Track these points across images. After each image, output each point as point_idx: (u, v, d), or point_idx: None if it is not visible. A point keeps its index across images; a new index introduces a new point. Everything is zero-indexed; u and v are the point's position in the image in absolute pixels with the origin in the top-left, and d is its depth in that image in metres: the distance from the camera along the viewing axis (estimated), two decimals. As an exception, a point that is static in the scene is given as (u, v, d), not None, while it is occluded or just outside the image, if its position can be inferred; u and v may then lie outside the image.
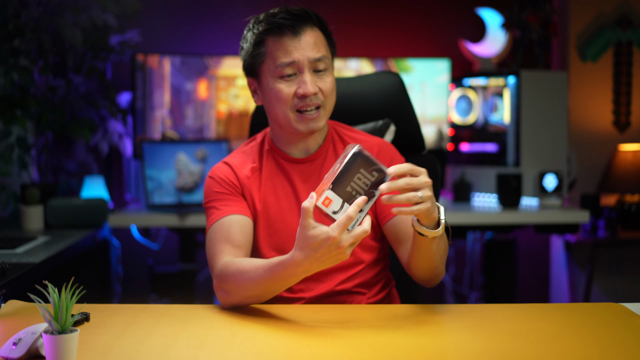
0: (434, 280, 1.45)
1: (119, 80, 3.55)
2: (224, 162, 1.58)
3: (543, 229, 3.22)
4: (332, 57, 1.55)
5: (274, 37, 1.48)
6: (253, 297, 1.36)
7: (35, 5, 2.98)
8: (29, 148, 2.97)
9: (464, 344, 1.18)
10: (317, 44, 1.48)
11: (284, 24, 1.46)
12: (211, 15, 3.68)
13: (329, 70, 1.51)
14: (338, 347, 1.15)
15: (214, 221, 1.50)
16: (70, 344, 1.01)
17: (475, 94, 3.47)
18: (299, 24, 1.47)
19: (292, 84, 1.48)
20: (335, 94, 1.54)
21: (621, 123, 3.70)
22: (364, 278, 1.54)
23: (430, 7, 3.80)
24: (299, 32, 1.47)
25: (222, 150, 3.21)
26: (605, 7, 3.65)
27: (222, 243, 1.45)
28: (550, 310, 1.40)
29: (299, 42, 1.46)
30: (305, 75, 1.46)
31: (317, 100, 1.48)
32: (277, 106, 1.49)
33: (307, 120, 1.48)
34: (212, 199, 1.53)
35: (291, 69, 1.47)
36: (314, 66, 1.48)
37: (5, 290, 1.70)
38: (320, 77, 1.49)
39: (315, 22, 1.50)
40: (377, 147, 1.58)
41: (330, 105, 1.51)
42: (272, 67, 1.48)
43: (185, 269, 3.14)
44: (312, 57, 1.47)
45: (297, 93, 1.47)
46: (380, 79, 1.82)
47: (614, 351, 1.13)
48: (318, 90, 1.48)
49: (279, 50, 1.47)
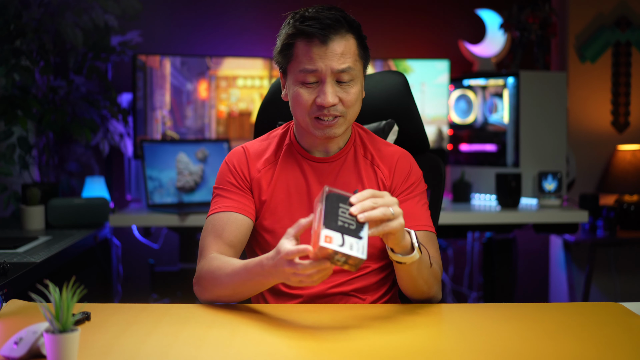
0: (430, 301, 1.46)
1: (120, 80, 3.55)
2: (243, 147, 1.59)
3: (542, 229, 3.22)
4: (365, 64, 1.52)
5: (302, 42, 1.44)
6: (224, 295, 1.40)
7: (36, 6, 2.99)
8: (30, 148, 2.98)
9: (464, 343, 1.19)
10: (345, 55, 1.44)
11: (313, 33, 1.42)
12: (211, 16, 3.68)
13: (355, 80, 1.46)
14: (338, 347, 1.15)
15: (215, 211, 1.52)
16: (71, 343, 1.02)
17: (474, 94, 3.48)
18: (328, 32, 1.42)
19: (313, 91, 1.45)
20: (360, 102, 1.50)
21: (620, 123, 3.70)
22: (366, 283, 1.53)
23: (430, 8, 3.80)
24: (327, 41, 1.42)
25: (222, 150, 3.22)
26: (604, 8, 3.65)
27: (215, 237, 1.48)
28: (549, 310, 1.40)
29: (325, 51, 1.42)
30: (327, 85, 1.43)
31: (336, 111, 1.45)
32: (297, 109, 1.49)
33: (324, 127, 1.46)
34: (221, 186, 1.55)
35: (313, 77, 1.44)
36: (337, 77, 1.44)
37: (6, 289, 1.70)
38: (343, 87, 1.45)
39: (348, 29, 1.45)
40: (397, 155, 1.58)
41: (352, 115, 1.48)
42: (296, 70, 1.46)
43: (185, 268, 3.15)
44: (336, 68, 1.43)
45: (316, 102, 1.44)
46: (384, 78, 1.82)
47: (613, 350, 1.14)
48: (338, 102, 1.45)
49: (304, 56, 1.44)
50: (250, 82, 3.43)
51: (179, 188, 3.12)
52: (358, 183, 1.54)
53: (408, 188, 1.54)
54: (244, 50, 3.63)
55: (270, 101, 1.80)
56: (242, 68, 3.42)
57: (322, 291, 1.51)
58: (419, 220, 1.51)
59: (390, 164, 1.57)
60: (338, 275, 1.51)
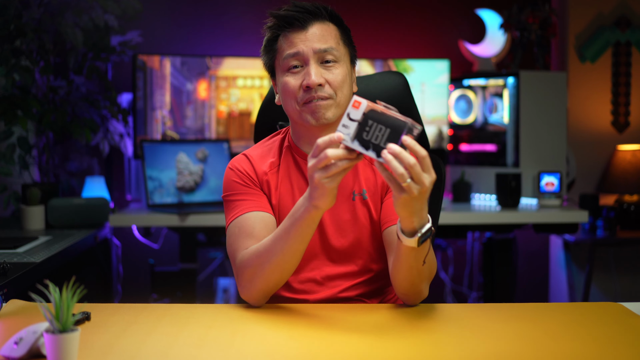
0: (412, 297, 1.40)
1: (120, 80, 3.55)
2: (244, 154, 1.56)
3: (542, 229, 3.22)
4: (351, 53, 1.52)
5: (284, 32, 1.47)
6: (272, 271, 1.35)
7: (36, 6, 2.99)
8: (30, 148, 2.98)
9: (464, 343, 1.19)
10: (325, 36, 1.45)
11: (292, 17, 1.45)
12: (211, 16, 3.68)
13: (340, 63, 1.46)
14: (338, 347, 1.15)
15: (236, 217, 1.46)
16: (71, 343, 1.02)
17: (474, 94, 3.48)
18: (307, 17, 1.45)
19: (298, 76, 1.45)
20: (349, 88, 1.48)
21: (620, 123, 3.70)
22: (371, 287, 1.53)
23: (430, 7, 3.80)
24: (306, 25, 1.45)
25: (222, 150, 3.22)
26: (604, 8, 3.65)
27: (246, 238, 1.43)
28: (549, 310, 1.41)
29: (305, 34, 1.45)
30: (310, 67, 1.43)
31: (324, 92, 1.43)
32: (287, 101, 1.47)
33: (313, 109, 1.43)
34: (232, 192, 1.51)
35: (296, 60, 1.45)
36: (320, 57, 1.44)
37: (6, 289, 1.70)
38: (328, 68, 1.45)
39: (327, 17, 1.47)
40: None
41: (342, 98, 1.45)
42: (280, 61, 1.47)
43: (185, 268, 3.15)
44: (317, 47, 1.44)
45: (303, 85, 1.44)
46: (384, 79, 1.82)
47: (613, 350, 1.14)
48: (324, 82, 1.43)
49: (285, 44, 1.46)
50: (250, 82, 3.43)
51: (179, 188, 3.12)
52: (356, 183, 1.53)
53: None
54: (244, 50, 3.63)
55: (270, 102, 1.80)
56: (242, 68, 3.42)
57: (328, 297, 1.51)
58: None
59: None
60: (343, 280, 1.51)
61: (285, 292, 1.51)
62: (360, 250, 1.52)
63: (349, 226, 1.51)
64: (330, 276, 1.50)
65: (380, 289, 1.55)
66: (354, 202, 1.52)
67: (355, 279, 1.51)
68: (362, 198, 1.52)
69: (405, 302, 1.43)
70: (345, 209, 1.52)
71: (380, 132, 1.18)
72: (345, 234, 1.51)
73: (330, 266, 1.51)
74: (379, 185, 1.54)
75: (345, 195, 1.52)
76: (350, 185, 1.53)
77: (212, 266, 3.62)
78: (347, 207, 1.52)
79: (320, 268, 1.51)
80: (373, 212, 1.52)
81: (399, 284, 1.38)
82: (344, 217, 1.51)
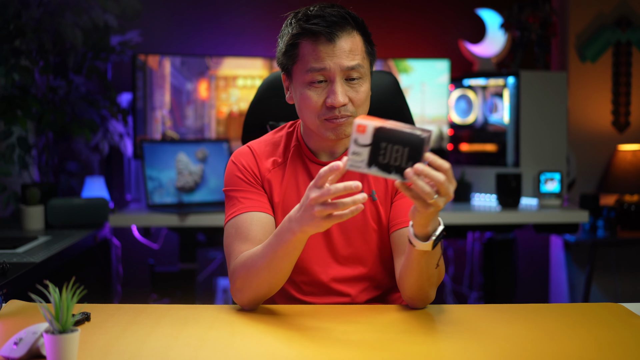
0: (419, 302, 1.39)
1: (120, 80, 3.55)
2: (248, 147, 1.53)
3: (542, 229, 3.22)
4: (372, 61, 1.48)
5: (308, 41, 1.40)
6: (262, 282, 1.34)
7: (36, 5, 2.99)
8: (30, 148, 2.98)
9: (464, 344, 1.19)
10: (353, 51, 1.40)
11: (320, 32, 1.38)
12: (211, 16, 3.68)
13: (364, 78, 1.43)
14: (338, 347, 1.15)
15: (235, 214, 1.45)
16: (71, 343, 1.02)
17: (474, 94, 3.47)
18: (334, 30, 1.38)
19: (322, 92, 1.40)
20: (369, 102, 1.46)
21: (620, 123, 3.70)
22: (378, 291, 1.52)
23: (430, 7, 3.80)
24: (334, 38, 1.38)
25: (222, 150, 3.22)
26: (604, 8, 3.65)
27: (242, 242, 1.42)
28: (549, 310, 1.40)
29: (332, 49, 1.38)
30: (336, 85, 1.39)
31: (347, 111, 1.40)
32: (306, 112, 1.44)
33: (335, 126, 1.41)
34: (234, 187, 1.49)
35: (322, 75, 1.39)
36: (346, 75, 1.40)
37: (6, 290, 1.70)
38: (353, 86, 1.41)
39: (354, 26, 1.41)
40: None
41: (362, 113, 1.43)
42: (303, 70, 1.41)
43: (185, 268, 3.15)
44: (345, 65, 1.39)
45: (327, 103, 1.40)
46: (374, 78, 1.81)
47: (613, 351, 1.14)
48: (348, 101, 1.40)
49: (310, 55, 1.39)
50: (250, 82, 3.43)
51: (178, 188, 3.11)
52: (364, 184, 1.50)
53: None
54: (244, 50, 3.63)
55: (260, 101, 1.77)
56: (242, 68, 3.42)
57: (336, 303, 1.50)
58: None
59: None
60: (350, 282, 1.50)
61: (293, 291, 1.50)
62: (367, 252, 1.50)
63: (356, 228, 1.49)
64: (337, 278, 1.49)
65: (387, 292, 1.54)
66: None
67: (363, 281, 1.50)
68: (371, 199, 1.50)
69: (412, 306, 1.41)
70: None
71: (398, 152, 1.13)
72: (351, 236, 1.49)
73: (336, 268, 1.49)
74: (389, 187, 1.52)
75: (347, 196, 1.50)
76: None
77: (212, 266, 3.62)
78: None
79: (326, 271, 1.49)
80: (382, 214, 1.50)
81: (407, 287, 1.37)
82: (351, 219, 1.49)
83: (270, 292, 1.37)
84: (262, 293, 1.36)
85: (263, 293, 1.36)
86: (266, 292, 1.36)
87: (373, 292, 1.52)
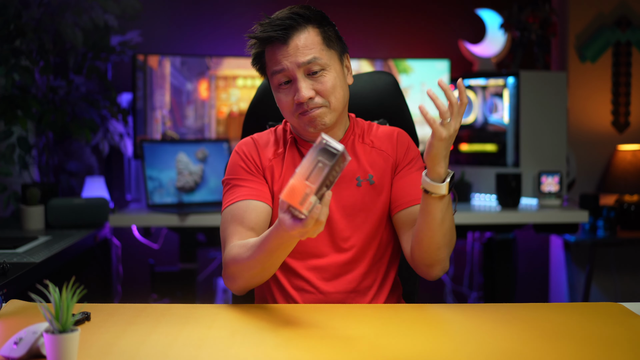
0: (435, 267, 1.44)
1: (120, 80, 3.55)
2: (252, 138, 1.60)
3: (542, 229, 3.22)
4: (339, 51, 1.52)
5: (268, 47, 1.49)
6: (253, 275, 1.40)
7: (36, 5, 2.99)
8: (30, 148, 2.98)
9: (464, 343, 1.19)
10: (307, 46, 1.45)
11: (271, 37, 1.47)
12: (211, 16, 3.68)
13: (327, 69, 1.47)
14: (338, 347, 1.15)
15: (232, 202, 1.51)
16: (71, 343, 1.02)
17: (474, 94, 3.48)
18: (284, 32, 1.45)
19: (289, 91, 1.48)
20: (343, 88, 1.50)
21: (620, 123, 3.70)
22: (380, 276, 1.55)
23: (430, 7, 3.80)
24: (287, 39, 1.45)
25: (222, 150, 3.22)
26: (604, 8, 3.65)
27: (236, 225, 1.47)
28: (549, 310, 1.40)
29: (286, 49, 1.46)
30: (298, 81, 1.45)
31: (316, 103, 1.46)
32: (284, 113, 1.51)
33: (310, 119, 1.47)
34: (234, 176, 1.54)
35: (284, 76, 1.47)
36: (306, 70, 1.46)
37: (6, 289, 1.70)
38: (316, 78, 1.46)
39: (304, 23, 1.47)
40: (395, 132, 1.60)
41: (335, 102, 1.48)
42: (270, 76, 1.51)
43: (185, 268, 3.15)
44: (300, 61, 1.45)
45: (295, 100, 1.47)
46: (373, 78, 1.82)
47: (613, 351, 1.14)
48: (314, 94, 1.46)
49: (270, 61, 1.49)
50: (250, 82, 3.43)
51: (178, 188, 3.12)
52: (360, 168, 1.55)
53: (409, 162, 1.57)
54: (244, 50, 3.61)
55: (259, 102, 1.78)
56: (242, 68, 3.42)
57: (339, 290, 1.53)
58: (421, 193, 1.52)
59: (391, 139, 1.59)
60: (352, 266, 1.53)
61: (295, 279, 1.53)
62: (370, 236, 1.53)
63: (356, 212, 1.53)
64: (340, 263, 1.52)
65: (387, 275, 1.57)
66: (359, 187, 1.53)
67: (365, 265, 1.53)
68: (368, 183, 1.54)
69: (428, 275, 1.47)
70: (349, 195, 1.53)
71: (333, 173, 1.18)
72: (352, 221, 1.53)
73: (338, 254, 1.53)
74: (388, 169, 1.56)
75: (347, 182, 1.53)
76: (353, 170, 1.54)
77: (212, 266, 3.62)
78: (350, 193, 1.53)
79: (329, 256, 1.52)
80: (383, 196, 1.54)
81: (424, 250, 1.42)
82: (349, 203, 1.53)
83: (262, 281, 1.44)
84: (254, 283, 1.44)
85: (255, 283, 1.44)
86: (258, 282, 1.43)
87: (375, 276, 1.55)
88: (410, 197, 1.51)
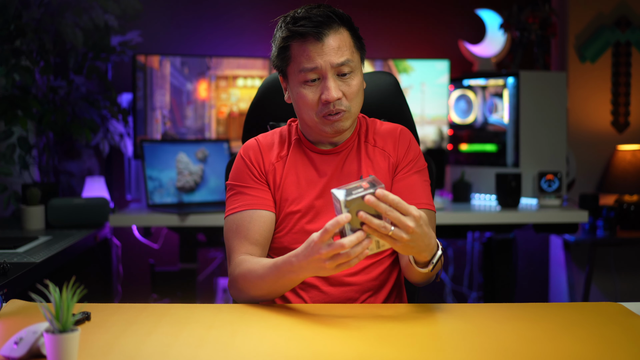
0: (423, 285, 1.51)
1: (120, 80, 3.55)
2: (256, 140, 1.60)
3: (542, 229, 3.22)
4: (362, 55, 1.54)
5: (297, 42, 1.47)
6: (260, 295, 1.43)
7: (36, 6, 2.99)
8: (30, 148, 2.98)
9: (463, 343, 1.19)
10: (341, 48, 1.47)
11: (307, 32, 1.45)
12: (212, 16, 3.69)
13: (355, 72, 1.49)
14: (338, 347, 1.15)
15: (236, 210, 1.53)
16: (71, 343, 1.02)
17: (474, 94, 3.48)
18: (321, 29, 1.45)
19: (316, 89, 1.48)
20: (363, 93, 1.53)
21: (620, 123, 3.70)
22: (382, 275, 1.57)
23: (430, 8, 3.80)
24: (322, 37, 1.45)
25: (222, 150, 3.22)
26: (604, 8, 3.65)
27: (241, 239, 1.50)
28: (549, 310, 1.41)
29: (321, 47, 1.45)
30: (329, 81, 1.46)
31: (341, 105, 1.48)
32: (304, 110, 1.51)
33: (332, 121, 1.49)
34: (239, 183, 1.56)
35: (314, 74, 1.47)
36: (337, 70, 1.47)
37: (6, 289, 1.70)
38: (345, 80, 1.48)
39: (340, 23, 1.48)
40: (398, 129, 1.61)
41: (356, 107, 1.51)
42: (296, 71, 1.48)
43: (185, 268, 3.15)
44: (335, 62, 1.46)
45: (321, 99, 1.47)
46: (374, 79, 1.82)
47: (613, 350, 1.14)
48: (342, 96, 1.47)
49: (302, 56, 1.47)
50: (250, 82, 3.44)
51: (179, 188, 3.12)
52: (365, 169, 1.56)
53: (409, 164, 1.57)
54: (244, 50, 3.63)
55: (260, 102, 1.78)
56: (242, 68, 3.42)
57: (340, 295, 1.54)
58: (419, 198, 1.53)
59: (393, 138, 1.59)
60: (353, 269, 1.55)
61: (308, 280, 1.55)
62: None
63: None
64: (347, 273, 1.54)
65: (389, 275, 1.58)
66: None
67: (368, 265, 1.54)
68: None
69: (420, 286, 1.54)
70: None
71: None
72: None
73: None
74: (389, 169, 1.57)
75: (350, 181, 1.53)
76: (355, 170, 1.54)
77: (212, 266, 3.62)
78: None
79: None
80: None
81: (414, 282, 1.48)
82: None
83: (269, 299, 1.47)
84: (261, 300, 1.46)
85: (262, 300, 1.46)
86: (265, 299, 1.47)
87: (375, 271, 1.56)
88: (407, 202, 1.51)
